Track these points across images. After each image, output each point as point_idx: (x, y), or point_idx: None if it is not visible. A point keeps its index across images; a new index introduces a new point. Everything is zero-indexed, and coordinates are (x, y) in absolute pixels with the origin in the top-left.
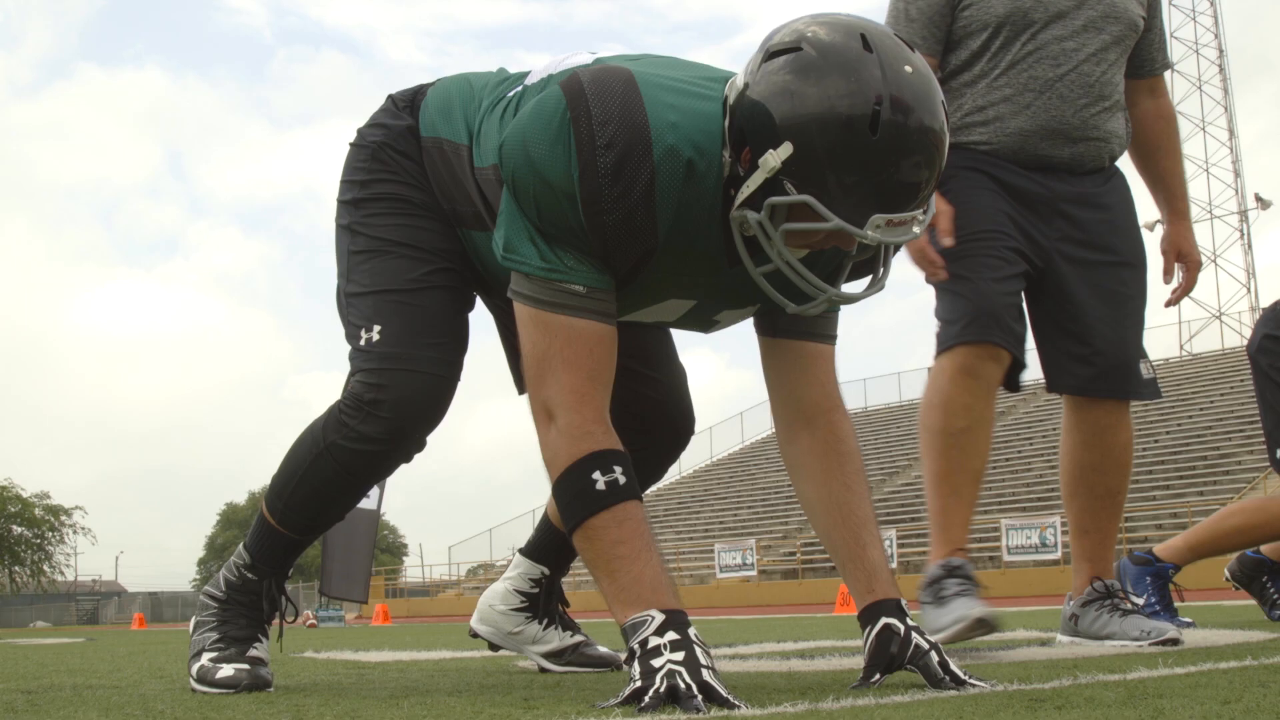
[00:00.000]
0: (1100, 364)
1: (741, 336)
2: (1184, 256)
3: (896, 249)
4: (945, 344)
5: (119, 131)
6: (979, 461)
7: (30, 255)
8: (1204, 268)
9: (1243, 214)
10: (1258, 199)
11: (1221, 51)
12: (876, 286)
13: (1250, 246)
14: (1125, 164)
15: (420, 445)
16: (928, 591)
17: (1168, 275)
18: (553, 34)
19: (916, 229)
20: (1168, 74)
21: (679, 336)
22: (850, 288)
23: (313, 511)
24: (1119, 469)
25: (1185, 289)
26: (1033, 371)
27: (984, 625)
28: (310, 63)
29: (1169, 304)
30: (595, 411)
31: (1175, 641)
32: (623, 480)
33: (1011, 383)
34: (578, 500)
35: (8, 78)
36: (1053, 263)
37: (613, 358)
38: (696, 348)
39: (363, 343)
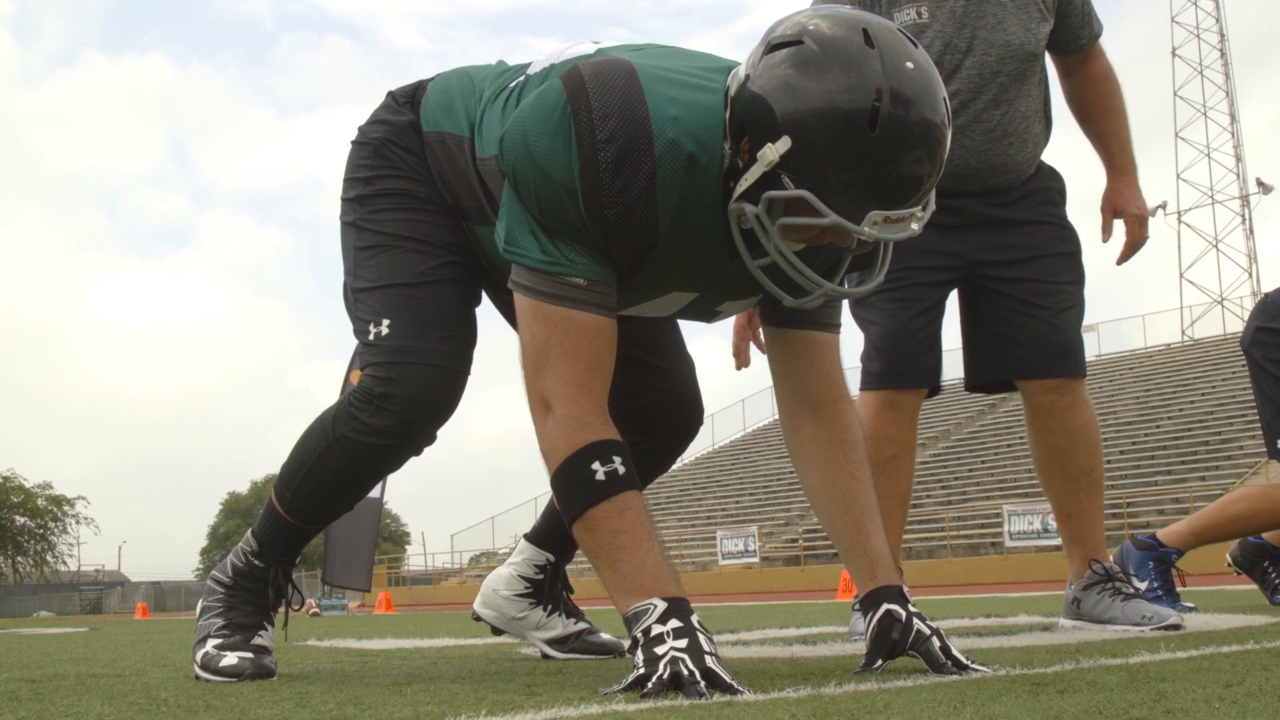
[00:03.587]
0: (1038, 348)
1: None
2: (1120, 212)
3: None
4: (866, 385)
5: (122, 119)
6: (905, 486)
7: (35, 245)
8: (1206, 253)
9: (1244, 199)
10: (1259, 184)
11: (1223, 36)
12: (874, 282)
13: (1252, 232)
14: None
15: (430, 439)
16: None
17: (1105, 233)
18: (556, 19)
19: (915, 226)
20: (1169, 60)
21: (687, 326)
22: (849, 282)
23: (321, 502)
24: (1086, 448)
25: (1131, 243)
26: None
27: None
28: (314, 49)
29: (1119, 262)
30: (593, 403)
31: (1176, 627)
32: (622, 470)
33: (995, 388)
34: (578, 491)
35: (23, 69)
36: (979, 268)
37: (612, 350)
38: (704, 336)
39: (371, 337)
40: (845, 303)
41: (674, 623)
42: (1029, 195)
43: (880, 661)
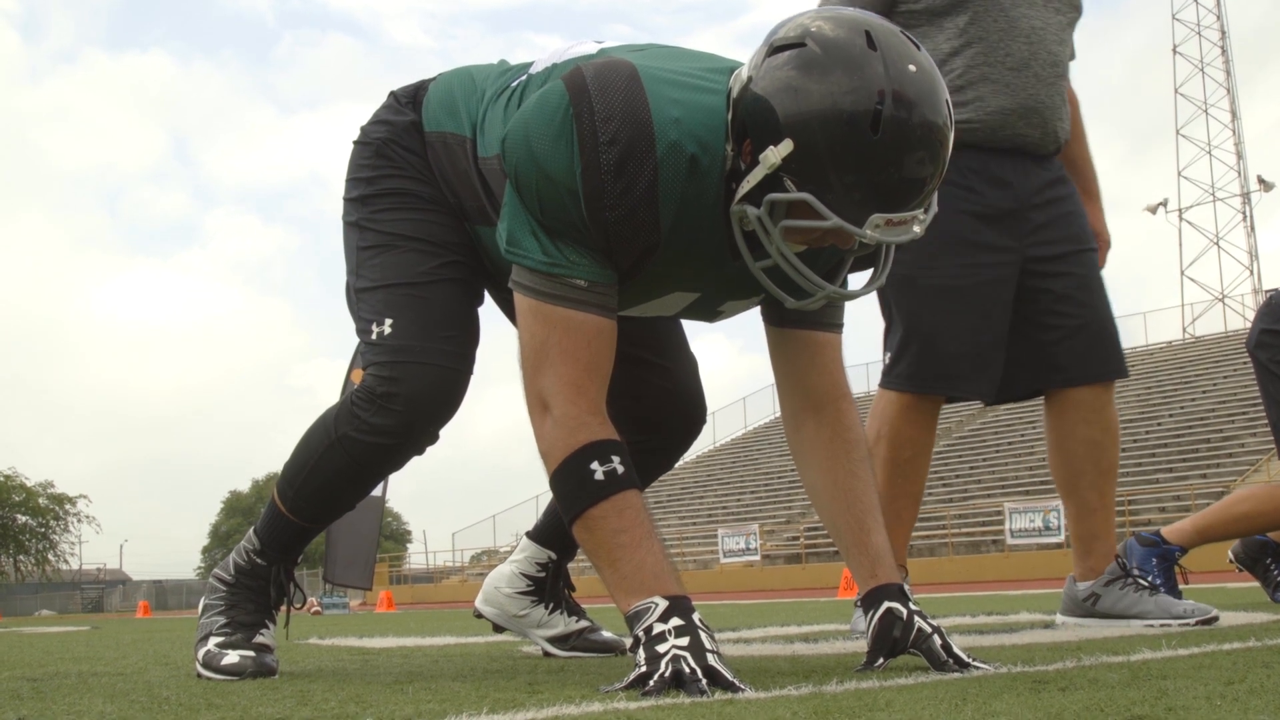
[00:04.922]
0: (1094, 349)
1: (757, 323)
2: (1098, 235)
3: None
4: (891, 385)
5: (124, 117)
6: (919, 485)
7: (38, 243)
8: (1207, 251)
9: (1245, 196)
10: (1260, 181)
11: (1224, 33)
12: (875, 283)
13: (1253, 229)
14: None
15: (433, 438)
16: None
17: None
18: (558, 15)
19: (917, 228)
20: (1170, 57)
21: (690, 325)
22: (851, 281)
23: (323, 501)
24: (1116, 444)
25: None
26: None
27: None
28: (316, 46)
29: None
30: (591, 403)
31: (1215, 620)
32: (621, 470)
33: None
34: (577, 491)
35: (28, 67)
36: (1029, 262)
37: (611, 351)
38: (710, 334)
39: (374, 336)
40: (873, 295)
41: (675, 621)
42: (1063, 181)
43: (881, 659)
